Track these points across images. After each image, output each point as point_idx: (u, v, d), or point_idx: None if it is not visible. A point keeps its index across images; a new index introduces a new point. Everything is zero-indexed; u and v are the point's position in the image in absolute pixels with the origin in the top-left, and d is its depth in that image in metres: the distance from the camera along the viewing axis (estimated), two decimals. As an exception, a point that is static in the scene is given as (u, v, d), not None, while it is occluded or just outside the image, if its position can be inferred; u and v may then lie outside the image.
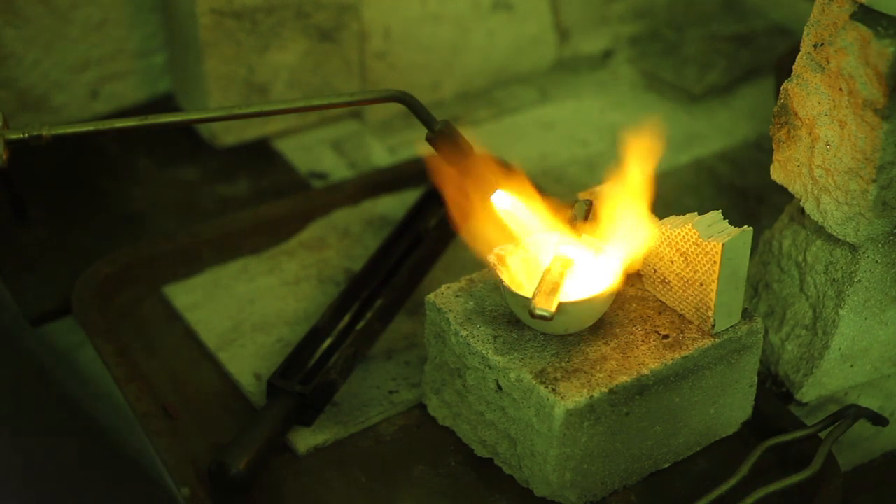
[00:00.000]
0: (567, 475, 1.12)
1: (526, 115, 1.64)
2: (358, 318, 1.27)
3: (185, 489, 1.13)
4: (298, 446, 1.19)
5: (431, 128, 1.13)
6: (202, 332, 1.30)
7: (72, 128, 1.11)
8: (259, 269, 1.37)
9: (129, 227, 1.46)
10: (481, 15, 1.63)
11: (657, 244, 1.16)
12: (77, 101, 1.58)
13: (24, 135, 1.11)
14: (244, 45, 1.52)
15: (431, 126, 1.13)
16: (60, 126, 1.11)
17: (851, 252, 1.19)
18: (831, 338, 1.21)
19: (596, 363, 1.12)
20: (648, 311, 1.17)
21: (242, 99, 1.54)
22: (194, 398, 1.25)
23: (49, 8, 1.52)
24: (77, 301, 1.30)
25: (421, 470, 1.19)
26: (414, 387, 1.24)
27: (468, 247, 1.19)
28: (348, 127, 1.61)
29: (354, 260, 1.38)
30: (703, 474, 1.18)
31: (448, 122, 1.14)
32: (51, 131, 1.10)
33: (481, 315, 1.16)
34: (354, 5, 1.55)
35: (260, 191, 1.51)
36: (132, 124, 1.11)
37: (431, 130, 1.13)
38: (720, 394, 1.17)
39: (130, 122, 1.11)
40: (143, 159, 1.55)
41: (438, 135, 1.13)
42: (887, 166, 1.12)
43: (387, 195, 1.46)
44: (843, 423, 1.18)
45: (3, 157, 1.10)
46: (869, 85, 1.10)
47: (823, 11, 1.13)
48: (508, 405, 1.13)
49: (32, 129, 1.11)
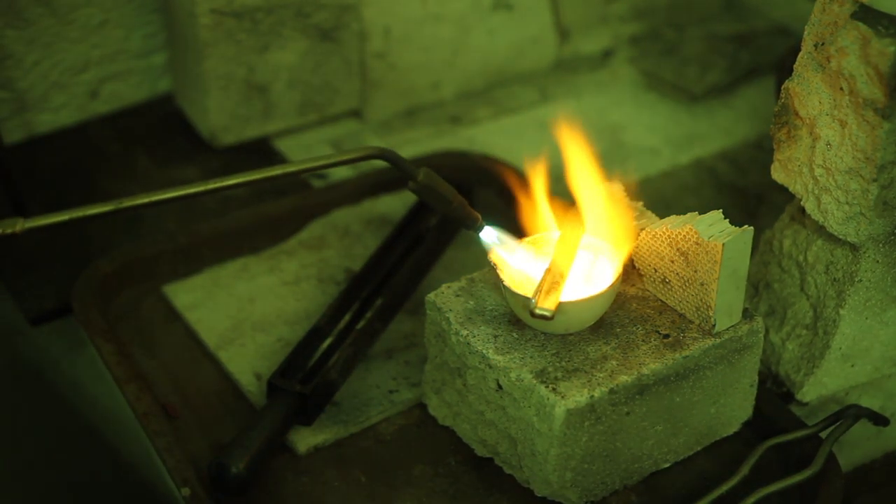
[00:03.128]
0: (567, 475, 1.12)
1: (526, 114, 1.64)
2: (358, 318, 1.27)
3: (186, 489, 1.13)
4: (298, 446, 1.19)
5: (414, 179, 1.15)
6: (202, 332, 1.30)
7: (45, 219, 1.12)
8: (259, 269, 1.37)
9: (129, 227, 1.46)
10: (481, 15, 1.63)
11: (658, 244, 1.16)
12: (77, 102, 1.58)
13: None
14: (244, 45, 1.52)
15: (414, 177, 1.15)
16: (35, 219, 1.11)
17: (852, 252, 1.19)
18: (832, 337, 1.21)
19: (596, 363, 1.12)
20: (649, 310, 1.17)
21: (242, 98, 1.54)
22: (194, 398, 1.25)
23: (49, 9, 1.52)
24: (77, 301, 1.29)
25: (421, 470, 1.18)
26: (414, 386, 1.24)
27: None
28: (348, 126, 1.61)
29: (354, 259, 1.38)
30: (703, 474, 1.18)
31: (429, 171, 1.16)
32: (24, 225, 1.11)
33: (482, 314, 1.16)
34: (354, 5, 1.55)
35: (259, 190, 1.51)
36: (107, 209, 1.13)
37: (414, 181, 1.15)
38: (721, 393, 1.17)
39: (106, 208, 1.13)
40: (143, 159, 1.55)
41: (421, 186, 1.15)
42: (888, 166, 1.12)
43: (387, 195, 1.46)
44: (843, 423, 1.18)
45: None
46: (869, 84, 1.09)
47: (824, 11, 1.13)
48: (509, 405, 1.13)
49: (6, 226, 1.11)
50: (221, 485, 1.14)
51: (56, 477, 1.47)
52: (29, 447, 1.48)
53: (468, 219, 1.18)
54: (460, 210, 1.17)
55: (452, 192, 1.17)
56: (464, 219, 1.18)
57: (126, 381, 1.22)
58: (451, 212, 1.17)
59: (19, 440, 1.49)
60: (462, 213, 1.17)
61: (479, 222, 1.18)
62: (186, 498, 1.13)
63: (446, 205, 1.16)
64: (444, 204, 1.16)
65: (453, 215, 1.17)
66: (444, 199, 1.16)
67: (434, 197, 1.16)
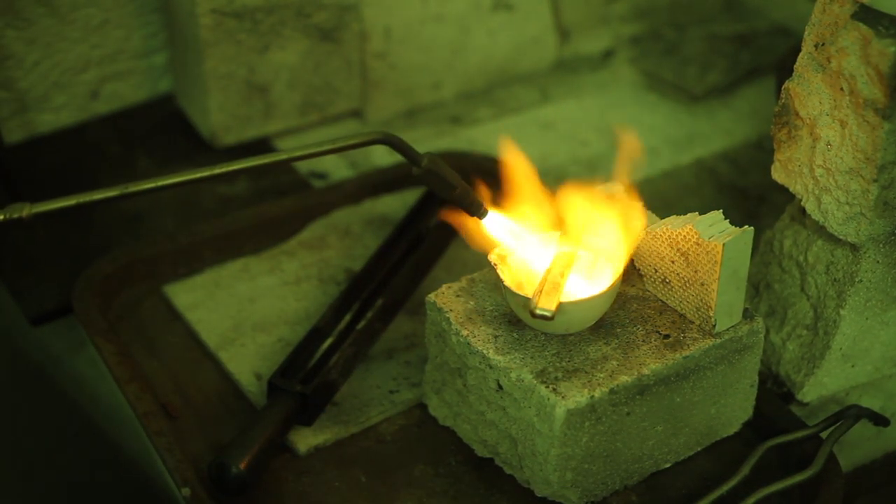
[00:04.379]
0: (568, 475, 1.12)
1: (526, 115, 1.64)
2: (358, 318, 1.27)
3: (186, 489, 1.13)
4: (299, 446, 1.19)
5: (418, 164, 1.15)
6: (203, 332, 1.30)
7: (52, 204, 1.11)
8: (259, 269, 1.37)
9: (129, 227, 1.46)
10: (482, 15, 1.63)
11: (658, 244, 1.16)
12: (77, 102, 1.58)
13: (3, 217, 1.11)
14: (244, 45, 1.52)
15: (418, 163, 1.15)
16: (41, 204, 1.11)
17: (852, 252, 1.19)
18: (832, 338, 1.21)
19: (597, 363, 1.12)
20: (649, 310, 1.17)
21: (243, 99, 1.54)
22: (195, 398, 1.25)
23: (50, 9, 1.52)
24: (77, 301, 1.29)
25: (421, 470, 1.18)
26: (414, 386, 1.24)
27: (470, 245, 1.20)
28: (348, 126, 1.61)
29: (355, 259, 1.38)
30: (703, 474, 1.18)
31: (433, 157, 1.15)
32: (31, 210, 1.11)
33: (482, 315, 1.16)
34: (355, 5, 1.55)
35: (260, 190, 1.51)
36: (113, 194, 1.13)
37: (418, 167, 1.15)
38: (721, 394, 1.17)
39: (111, 193, 1.12)
40: (143, 159, 1.55)
41: (425, 171, 1.14)
42: (888, 166, 1.12)
43: (387, 195, 1.46)
44: (844, 424, 1.18)
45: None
46: (870, 84, 1.09)
47: (824, 11, 1.13)
48: (509, 405, 1.13)
49: (13, 210, 1.11)
50: (222, 485, 1.14)
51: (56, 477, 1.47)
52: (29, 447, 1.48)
53: (472, 205, 1.17)
54: (465, 196, 1.16)
55: (457, 178, 1.16)
56: (468, 205, 1.17)
57: (126, 380, 1.22)
58: (455, 198, 1.16)
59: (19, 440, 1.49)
60: (466, 199, 1.17)
61: (484, 208, 1.17)
62: (187, 498, 1.13)
63: (450, 191, 1.16)
64: (449, 190, 1.16)
65: (457, 201, 1.17)
66: (448, 184, 1.15)
67: (438, 183, 1.15)
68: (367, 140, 1.14)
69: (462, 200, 1.17)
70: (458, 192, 1.16)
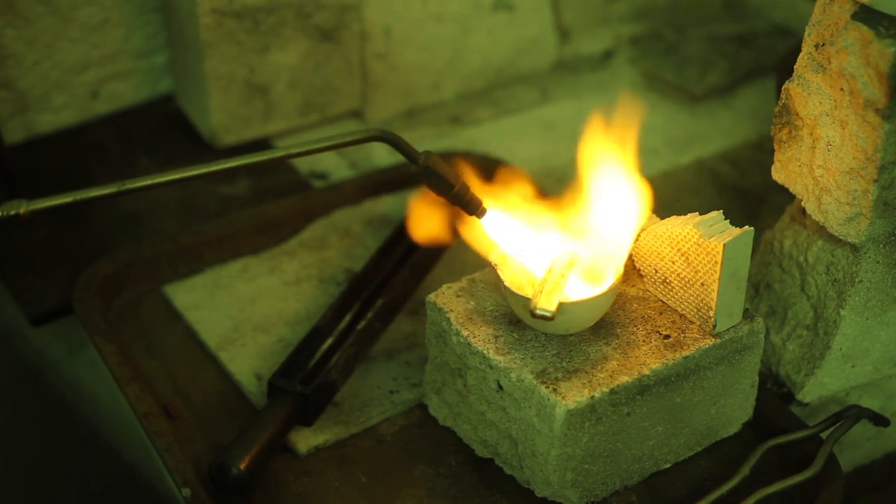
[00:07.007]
0: (568, 475, 1.12)
1: (527, 115, 1.64)
2: (359, 318, 1.27)
3: (186, 489, 1.13)
4: (299, 446, 1.19)
5: (416, 162, 1.15)
6: (203, 332, 1.30)
7: (49, 201, 1.11)
8: (260, 269, 1.37)
9: (129, 227, 1.46)
10: (482, 15, 1.63)
11: (658, 244, 1.16)
12: (77, 102, 1.58)
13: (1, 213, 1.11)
14: (245, 45, 1.52)
15: (416, 160, 1.15)
16: (38, 201, 1.11)
17: (853, 252, 1.19)
18: (832, 338, 1.21)
19: (597, 363, 1.12)
20: (649, 311, 1.17)
21: (243, 99, 1.54)
22: (195, 398, 1.25)
23: (50, 8, 1.52)
24: (77, 301, 1.29)
25: (421, 470, 1.18)
26: (415, 387, 1.24)
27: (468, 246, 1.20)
28: (349, 127, 1.61)
29: (355, 260, 1.38)
30: (704, 474, 1.18)
31: (431, 155, 1.15)
32: (28, 207, 1.11)
33: (482, 315, 1.16)
34: (355, 5, 1.55)
35: (260, 191, 1.51)
36: (110, 191, 1.13)
37: (416, 164, 1.15)
38: (721, 394, 1.17)
39: (109, 190, 1.13)
40: (143, 159, 1.55)
41: (423, 169, 1.14)
42: (888, 166, 1.12)
43: (387, 195, 1.46)
44: (844, 424, 1.18)
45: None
46: (870, 85, 1.09)
47: (825, 12, 1.13)
48: (509, 405, 1.13)
49: (10, 207, 1.11)
50: (222, 485, 1.14)
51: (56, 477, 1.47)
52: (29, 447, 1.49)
53: (471, 203, 1.17)
54: (463, 194, 1.16)
55: (455, 175, 1.16)
56: (466, 203, 1.17)
57: (127, 381, 1.22)
58: (453, 196, 1.16)
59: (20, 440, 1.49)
60: (464, 197, 1.16)
61: (482, 207, 1.17)
62: (187, 498, 1.13)
63: (448, 189, 1.16)
64: (447, 188, 1.16)
65: (456, 200, 1.16)
66: (446, 182, 1.15)
67: (436, 181, 1.15)
68: (365, 137, 1.14)
69: (460, 199, 1.17)
70: (457, 190, 1.16)
